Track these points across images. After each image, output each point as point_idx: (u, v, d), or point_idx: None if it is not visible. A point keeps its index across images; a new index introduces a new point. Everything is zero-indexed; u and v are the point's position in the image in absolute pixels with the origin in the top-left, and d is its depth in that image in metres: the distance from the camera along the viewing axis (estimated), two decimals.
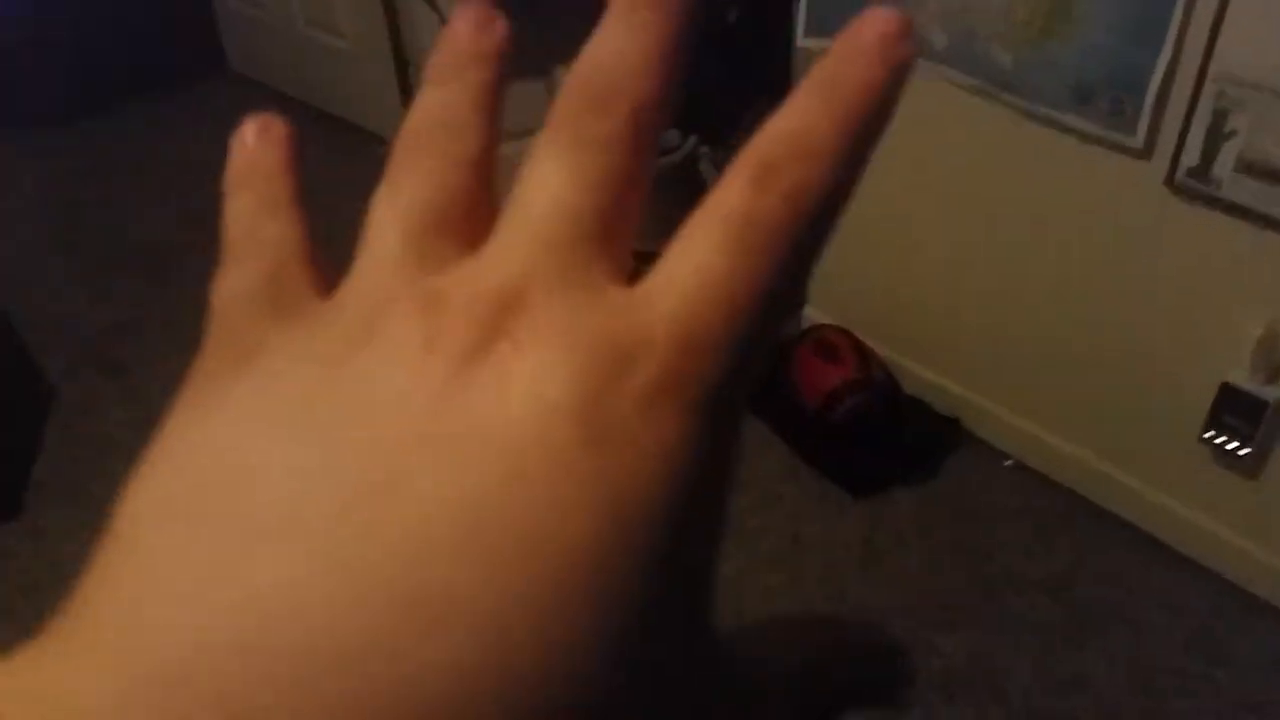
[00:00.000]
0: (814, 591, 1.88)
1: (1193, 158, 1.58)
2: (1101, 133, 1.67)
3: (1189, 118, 1.56)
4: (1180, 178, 1.61)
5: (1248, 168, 1.53)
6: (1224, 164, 1.55)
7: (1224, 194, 1.57)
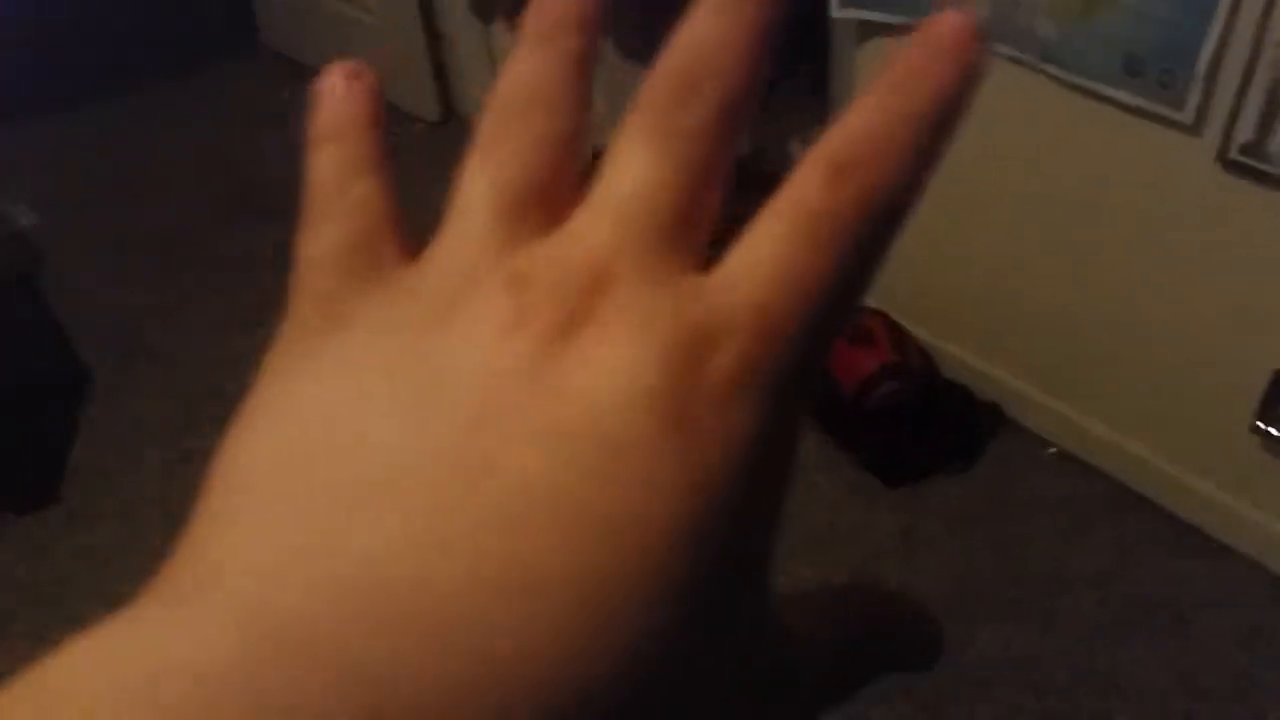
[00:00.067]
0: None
1: (1247, 133, 1.50)
2: (1149, 106, 1.59)
3: (1244, 90, 1.48)
4: (1233, 154, 1.53)
5: None
6: None
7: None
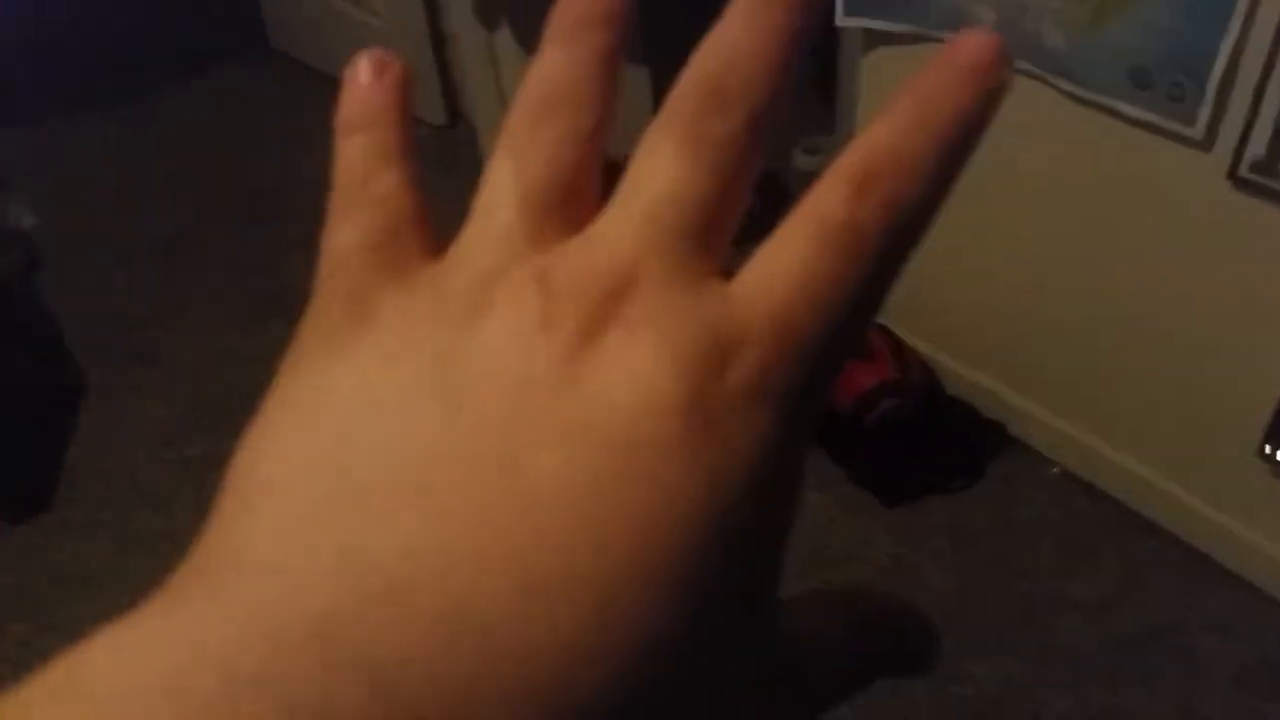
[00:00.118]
0: None
1: (1258, 150, 1.46)
2: (1158, 121, 1.55)
3: (1256, 106, 1.44)
4: (1244, 171, 1.49)
5: None
6: None
7: None
